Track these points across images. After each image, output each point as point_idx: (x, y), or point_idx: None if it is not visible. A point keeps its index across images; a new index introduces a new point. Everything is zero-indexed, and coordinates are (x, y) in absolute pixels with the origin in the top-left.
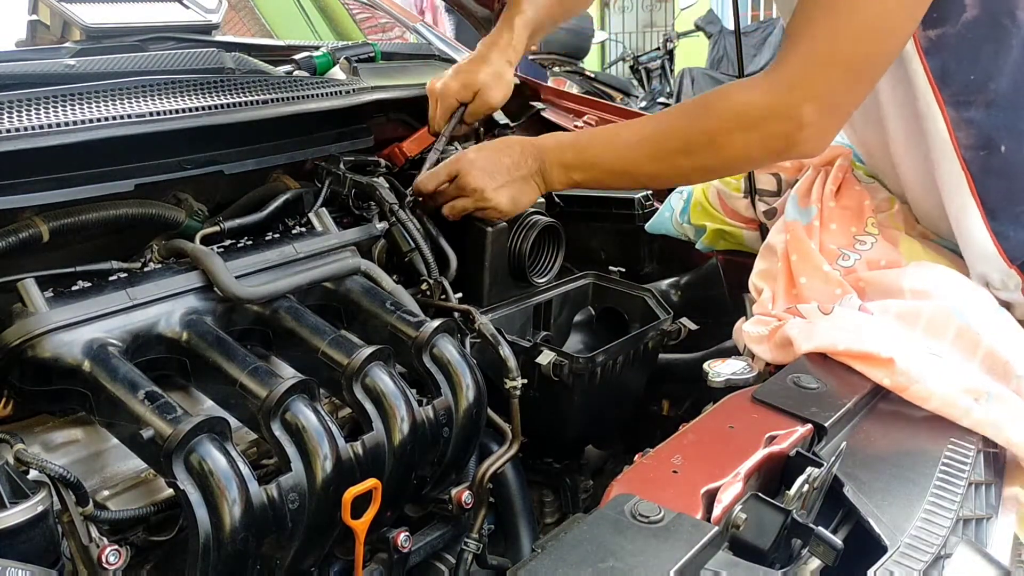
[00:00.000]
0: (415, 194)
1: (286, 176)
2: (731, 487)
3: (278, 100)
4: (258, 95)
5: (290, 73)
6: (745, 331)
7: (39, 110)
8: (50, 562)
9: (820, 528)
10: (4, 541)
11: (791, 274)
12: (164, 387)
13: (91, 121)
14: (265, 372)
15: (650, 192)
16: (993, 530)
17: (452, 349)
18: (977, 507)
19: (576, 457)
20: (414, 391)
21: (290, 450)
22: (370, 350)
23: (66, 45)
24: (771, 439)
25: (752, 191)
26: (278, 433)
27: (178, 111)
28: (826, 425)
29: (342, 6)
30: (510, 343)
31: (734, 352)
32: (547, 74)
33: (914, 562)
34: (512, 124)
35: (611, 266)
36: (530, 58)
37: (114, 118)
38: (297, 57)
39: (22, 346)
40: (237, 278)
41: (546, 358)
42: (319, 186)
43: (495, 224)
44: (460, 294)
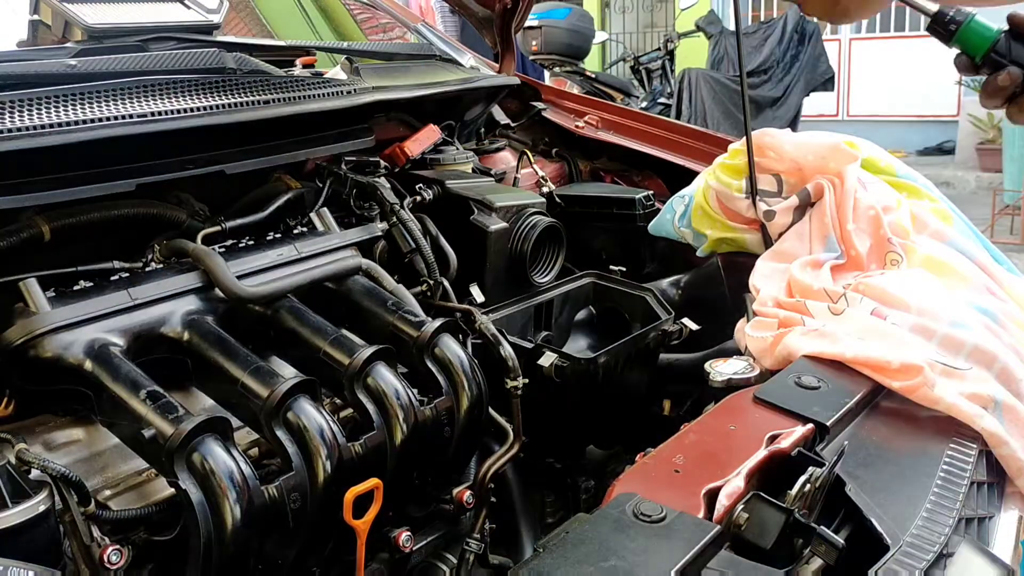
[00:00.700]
0: None
1: (287, 176)
2: (733, 487)
3: (279, 100)
4: (259, 95)
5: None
6: (748, 336)
7: (40, 110)
8: (52, 561)
9: (822, 527)
10: (6, 540)
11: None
12: (165, 387)
13: (93, 121)
14: (267, 372)
15: (651, 192)
16: (995, 529)
17: (454, 349)
18: (979, 506)
19: (578, 457)
20: (415, 391)
21: (291, 450)
22: (372, 350)
23: (67, 45)
24: (773, 439)
25: (753, 191)
26: (280, 433)
27: (179, 111)
28: (828, 424)
29: (343, 6)
30: (512, 344)
31: (735, 352)
32: (547, 74)
33: (916, 561)
34: (512, 124)
35: (612, 266)
36: (531, 58)
37: (115, 118)
38: None
39: (24, 346)
40: (239, 278)
41: (548, 359)
42: (320, 186)
43: (496, 224)
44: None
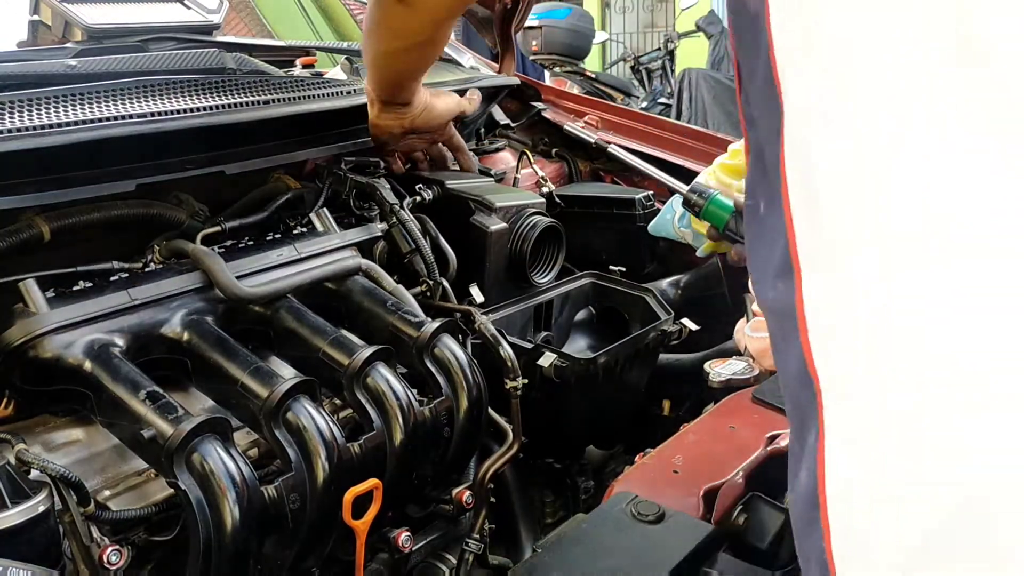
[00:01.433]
0: None
1: (287, 176)
2: (731, 487)
3: (279, 100)
4: (259, 95)
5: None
6: (747, 337)
7: (40, 110)
8: (51, 562)
9: None
10: (5, 541)
11: None
12: (165, 387)
13: (92, 121)
14: (266, 372)
15: (651, 192)
16: None
17: (453, 349)
18: None
19: (577, 457)
20: (415, 391)
21: (291, 450)
22: (371, 350)
23: (67, 45)
24: (772, 439)
25: None
26: (279, 433)
27: (179, 111)
28: None
29: (343, 6)
30: (511, 344)
31: (735, 352)
32: (547, 74)
33: None
34: (512, 124)
35: (612, 266)
36: (531, 58)
37: (115, 118)
38: None
39: (23, 346)
40: (238, 278)
41: (547, 360)
42: (320, 186)
43: (495, 224)
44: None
